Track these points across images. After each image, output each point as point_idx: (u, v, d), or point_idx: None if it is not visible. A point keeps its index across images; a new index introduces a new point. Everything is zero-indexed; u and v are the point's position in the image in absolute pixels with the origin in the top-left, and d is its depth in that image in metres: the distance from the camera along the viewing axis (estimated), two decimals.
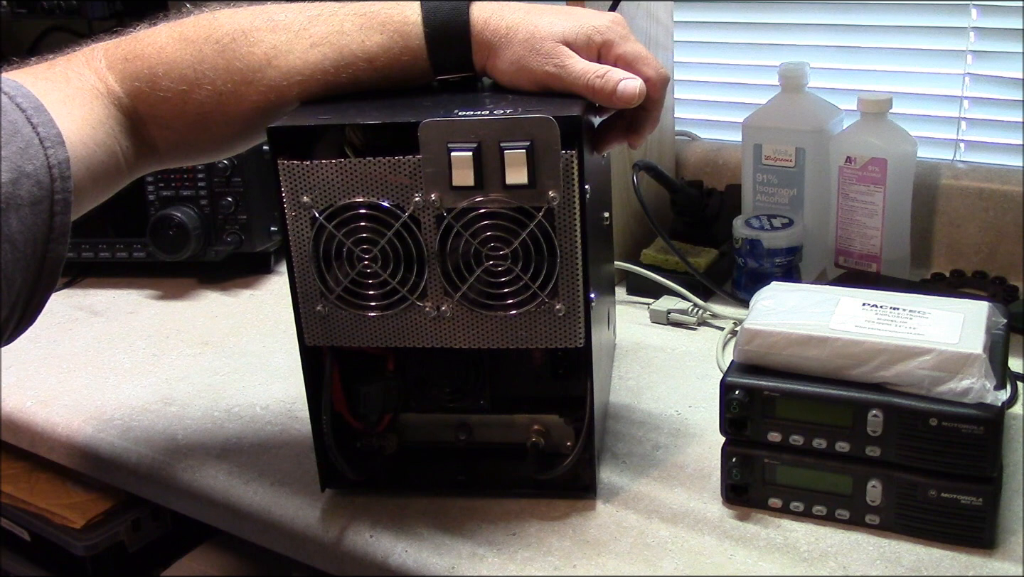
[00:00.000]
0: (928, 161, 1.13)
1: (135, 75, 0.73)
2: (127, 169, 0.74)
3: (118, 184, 0.75)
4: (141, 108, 0.73)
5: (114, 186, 0.74)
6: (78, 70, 0.72)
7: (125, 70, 0.73)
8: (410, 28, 0.71)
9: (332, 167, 0.68)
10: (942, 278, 1.08)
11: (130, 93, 0.73)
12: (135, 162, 0.75)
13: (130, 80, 0.73)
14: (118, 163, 0.73)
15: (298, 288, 0.71)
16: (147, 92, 0.73)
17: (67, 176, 0.63)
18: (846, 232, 1.06)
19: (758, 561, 0.69)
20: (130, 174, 0.75)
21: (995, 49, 1.12)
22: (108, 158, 0.71)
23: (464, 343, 0.71)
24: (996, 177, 1.10)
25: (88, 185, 0.69)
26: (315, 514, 0.78)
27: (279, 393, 0.96)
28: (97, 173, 0.70)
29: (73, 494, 1.04)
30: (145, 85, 0.73)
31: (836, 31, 1.21)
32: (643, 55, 0.72)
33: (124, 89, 0.73)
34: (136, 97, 0.73)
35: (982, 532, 0.68)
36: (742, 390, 0.71)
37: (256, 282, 1.25)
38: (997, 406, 0.65)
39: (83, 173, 0.67)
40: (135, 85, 0.73)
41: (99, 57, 0.74)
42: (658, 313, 1.06)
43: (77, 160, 0.65)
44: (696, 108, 1.33)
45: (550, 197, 0.66)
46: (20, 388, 1.00)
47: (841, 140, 1.05)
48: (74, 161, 0.64)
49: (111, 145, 0.71)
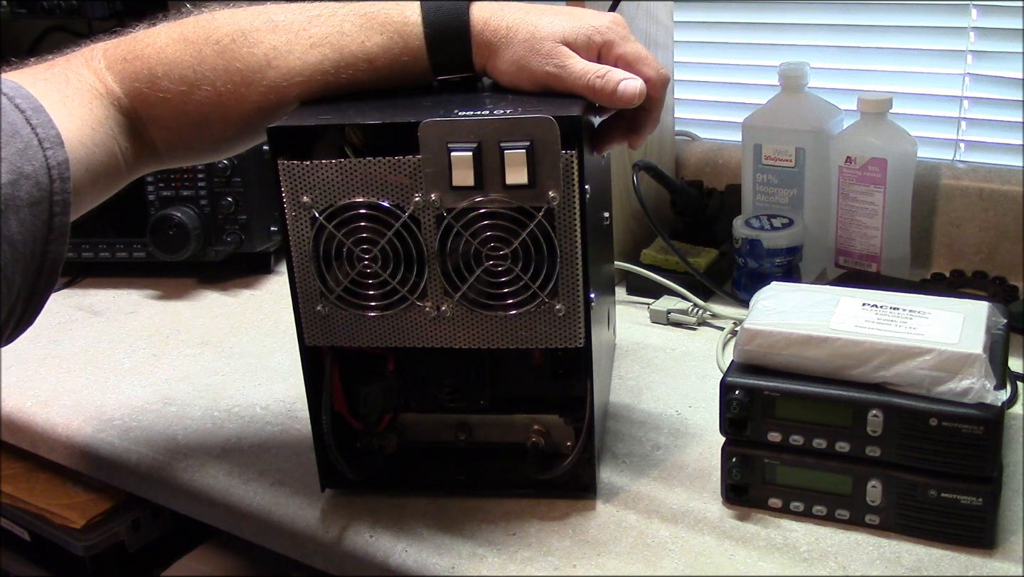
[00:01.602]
0: (928, 161, 1.13)
1: (134, 76, 0.73)
2: (126, 169, 0.74)
3: (118, 184, 0.75)
4: (140, 109, 0.73)
5: (114, 186, 0.74)
6: (77, 70, 0.72)
7: (125, 70, 0.73)
8: (410, 29, 0.71)
9: (332, 167, 0.68)
10: (942, 278, 1.08)
11: (129, 94, 0.73)
12: (134, 162, 0.75)
13: (129, 81, 0.73)
14: (117, 163, 0.73)
15: (298, 288, 0.71)
16: (146, 93, 0.73)
17: (66, 177, 0.63)
18: (846, 232, 1.06)
19: (758, 561, 0.69)
20: (129, 174, 0.75)
21: (995, 49, 1.12)
22: (107, 158, 0.71)
23: (464, 343, 0.71)
24: (996, 177, 1.10)
25: (87, 186, 0.69)
26: (315, 514, 0.78)
27: (279, 393, 0.96)
28: (96, 173, 0.70)
29: (73, 494, 1.04)
30: (144, 86, 0.72)
31: (836, 31, 1.21)
32: (643, 55, 0.72)
33: (123, 89, 0.73)
34: (135, 98, 0.73)
35: (982, 532, 0.68)
36: (742, 390, 0.71)
37: (256, 282, 1.25)
38: (997, 406, 0.65)
39: (82, 174, 0.67)
40: (134, 86, 0.73)
41: (98, 57, 0.74)
42: (658, 313, 1.06)
43: (76, 161, 0.65)
44: (696, 108, 1.34)
45: (550, 197, 0.66)
46: (20, 388, 1.00)
47: (841, 140, 1.05)
48: (73, 162, 0.64)
49: (110, 145, 0.71)
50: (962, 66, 1.14)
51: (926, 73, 1.17)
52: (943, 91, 1.17)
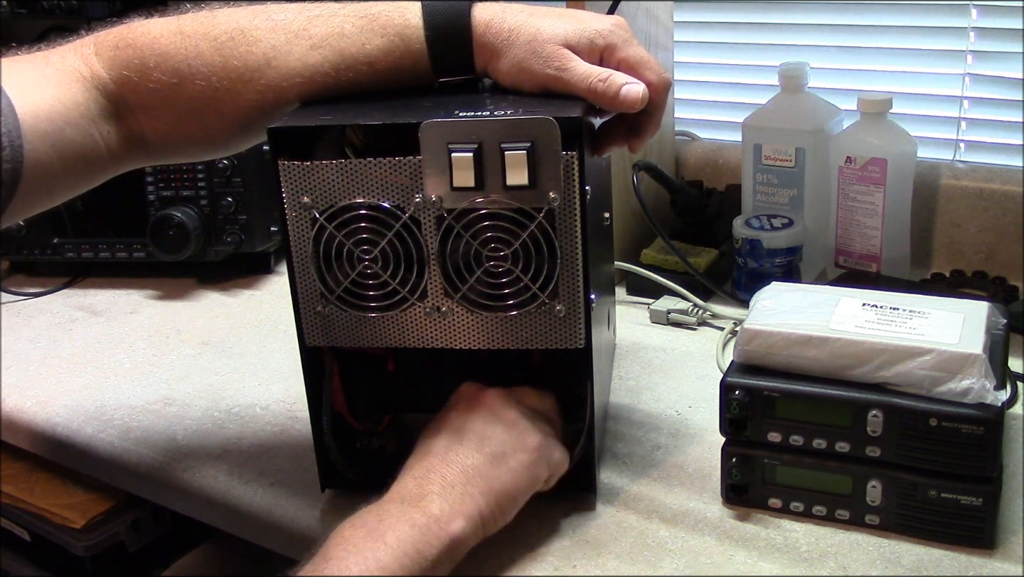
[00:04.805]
0: (928, 161, 1.13)
1: (124, 63, 0.73)
2: (110, 157, 0.75)
3: (103, 170, 0.76)
4: (129, 96, 0.74)
5: (97, 171, 0.75)
6: (62, 55, 0.74)
7: (115, 57, 0.73)
8: (411, 31, 0.71)
9: (332, 168, 0.68)
10: (942, 278, 1.08)
11: (117, 80, 0.73)
12: (121, 151, 0.75)
13: (118, 68, 0.73)
14: (96, 147, 0.73)
15: (298, 288, 0.71)
16: (136, 81, 0.73)
17: (17, 145, 0.66)
18: (846, 232, 1.06)
19: (758, 561, 0.69)
20: (116, 163, 0.76)
21: (995, 49, 1.12)
22: (82, 139, 0.72)
23: (464, 343, 0.71)
24: (996, 177, 1.10)
25: (56, 163, 0.70)
26: (315, 514, 0.78)
27: (279, 393, 0.96)
28: (67, 152, 0.71)
29: (73, 494, 1.04)
30: (134, 74, 0.73)
31: (836, 31, 1.21)
32: (646, 59, 0.71)
33: (111, 75, 0.73)
34: (124, 84, 0.73)
35: (982, 532, 0.68)
36: (742, 390, 0.71)
37: (256, 282, 1.25)
38: (997, 406, 0.66)
39: (48, 149, 0.69)
40: (123, 73, 0.73)
41: (89, 44, 0.75)
42: (658, 313, 1.06)
43: (41, 135, 0.69)
44: (696, 108, 1.34)
45: (551, 198, 0.66)
46: (20, 388, 1.00)
47: (841, 140, 1.05)
48: (37, 136, 0.68)
49: (86, 127, 0.72)
50: (962, 66, 1.14)
51: (926, 73, 1.17)
52: (943, 91, 1.17)
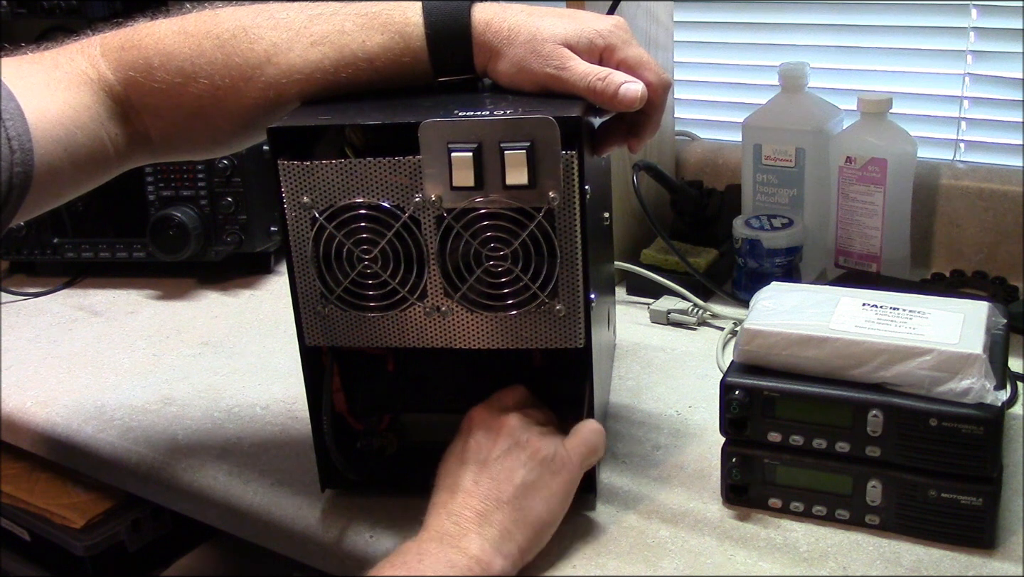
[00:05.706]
0: (928, 161, 1.13)
1: (130, 64, 0.73)
2: (116, 156, 0.75)
3: (108, 170, 0.76)
4: (134, 97, 0.74)
5: (103, 172, 0.75)
6: (69, 56, 0.74)
7: (121, 59, 0.74)
8: (411, 29, 0.71)
9: (332, 167, 0.68)
10: (942, 278, 1.08)
11: (123, 81, 0.74)
12: (126, 151, 0.75)
13: (124, 69, 0.74)
14: (104, 148, 0.73)
15: (298, 288, 0.71)
16: (141, 81, 0.73)
17: (28, 148, 0.66)
18: (846, 232, 1.06)
19: (758, 561, 0.69)
20: (121, 162, 0.76)
21: (995, 49, 1.12)
22: (92, 142, 0.72)
23: (464, 343, 0.71)
24: (996, 177, 1.10)
25: (67, 167, 0.70)
26: (315, 514, 0.78)
27: (279, 393, 0.96)
28: (78, 156, 0.71)
29: (73, 494, 1.04)
30: (140, 74, 0.73)
31: (836, 31, 1.21)
32: (645, 60, 0.71)
33: (117, 77, 0.74)
34: (129, 85, 0.74)
35: (982, 532, 0.68)
36: (742, 390, 0.71)
37: (256, 282, 1.25)
38: (997, 406, 0.65)
39: (60, 153, 0.69)
40: (129, 74, 0.73)
41: (95, 45, 0.75)
42: (658, 313, 1.06)
43: (54, 140, 0.68)
44: (696, 108, 1.33)
45: (550, 198, 0.66)
46: (20, 388, 1.00)
47: (841, 140, 1.05)
48: (50, 141, 0.68)
49: (96, 130, 0.72)
50: (962, 66, 1.14)
51: (926, 73, 1.17)
52: (943, 91, 1.17)
